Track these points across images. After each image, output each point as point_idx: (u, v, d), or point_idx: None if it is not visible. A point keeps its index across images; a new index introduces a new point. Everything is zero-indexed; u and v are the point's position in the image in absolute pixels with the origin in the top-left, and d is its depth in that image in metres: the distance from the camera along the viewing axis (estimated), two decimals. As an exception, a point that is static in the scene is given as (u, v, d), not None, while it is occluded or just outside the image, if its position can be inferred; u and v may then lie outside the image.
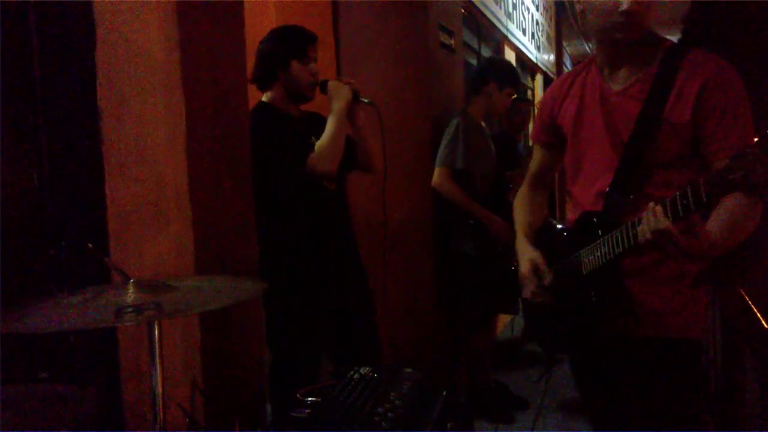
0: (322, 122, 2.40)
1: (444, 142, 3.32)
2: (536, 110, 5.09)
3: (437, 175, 3.31)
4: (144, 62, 1.65)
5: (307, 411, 1.54)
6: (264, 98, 2.47)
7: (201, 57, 1.72)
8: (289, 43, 2.43)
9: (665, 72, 1.62)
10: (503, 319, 5.36)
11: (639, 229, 1.47)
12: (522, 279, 1.83)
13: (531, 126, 5.53)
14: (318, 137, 2.35)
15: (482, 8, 5.00)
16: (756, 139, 1.31)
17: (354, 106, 2.42)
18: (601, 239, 1.62)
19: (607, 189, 1.67)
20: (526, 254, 1.83)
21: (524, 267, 1.82)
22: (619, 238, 1.55)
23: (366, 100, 2.45)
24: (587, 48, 11.70)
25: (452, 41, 3.78)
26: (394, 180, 3.36)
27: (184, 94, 1.63)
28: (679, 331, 1.66)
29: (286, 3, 3.41)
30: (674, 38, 1.73)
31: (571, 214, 1.85)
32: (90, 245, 1.41)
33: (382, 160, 2.48)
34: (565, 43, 10.57)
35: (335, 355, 2.55)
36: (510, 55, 6.31)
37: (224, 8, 1.85)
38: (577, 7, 1.70)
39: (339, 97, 2.39)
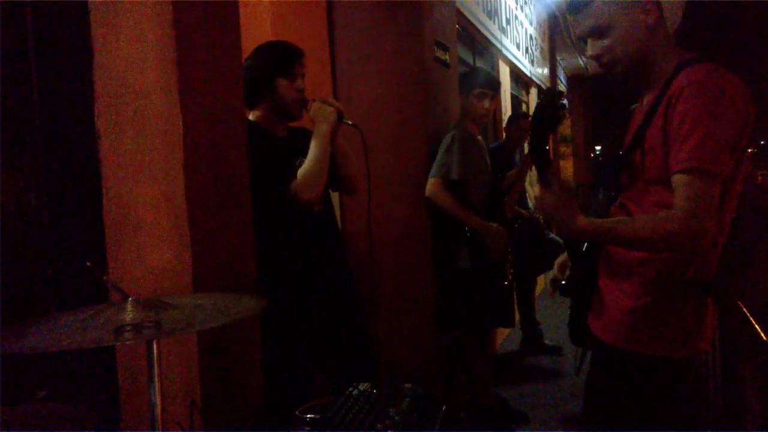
0: (309, 138, 2.32)
1: (439, 154, 3.33)
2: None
3: (430, 185, 3.31)
4: (141, 82, 1.66)
5: (307, 428, 1.54)
6: (250, 117, 2.38)
7: (198, 77, 1.73)
8: (274, 60, 2.35)
9: (664, 89, 1.54)
10: (503, 333, 5.35)
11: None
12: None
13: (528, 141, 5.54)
14: (305, 155, 2.29)
15: (477, 23, 5.03)
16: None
17: (337, 127, 2.34)
18: None
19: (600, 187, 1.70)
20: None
21: (562, 257, 1.88)
22: None
23: (350, 122, 2.37)
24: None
25: (447, 56, 3.81)
26: (391, 195, 3.39)
27: (181, 112, 1.64)
28: (649, 345, 1.57)
29: (283, 23, 3.43)
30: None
31: None
32: (88, 263, 1.41)
33: (366, 182, 2.39)
34: (558, 57, 10.63)
35: (329, 371, 2.50)
36: (504, 70, 6.35)
37: (221, 30, 1.86)
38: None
39: (323, 118, 2.29)
